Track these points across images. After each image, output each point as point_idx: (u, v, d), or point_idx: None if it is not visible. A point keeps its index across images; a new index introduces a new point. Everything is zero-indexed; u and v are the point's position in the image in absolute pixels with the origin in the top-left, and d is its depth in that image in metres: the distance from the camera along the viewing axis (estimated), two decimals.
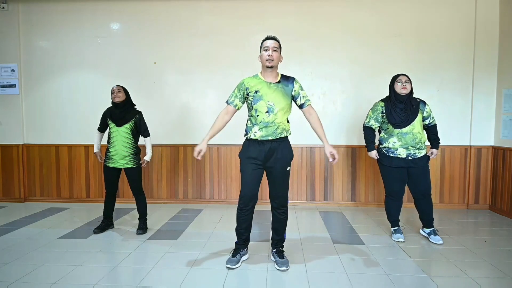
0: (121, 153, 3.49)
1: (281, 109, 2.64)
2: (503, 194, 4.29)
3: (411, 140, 3.20)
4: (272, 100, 2.63)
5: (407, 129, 3.19)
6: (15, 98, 4.91)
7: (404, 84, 3.21)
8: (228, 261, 2.75)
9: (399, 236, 3.35)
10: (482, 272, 2.67)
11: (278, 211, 2.78)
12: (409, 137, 3.20)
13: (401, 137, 3.21)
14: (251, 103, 2.66)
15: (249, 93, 2.66)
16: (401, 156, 3.24)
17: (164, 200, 4.89)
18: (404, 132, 3.20)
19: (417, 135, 3.20)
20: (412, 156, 3.23)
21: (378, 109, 3.34)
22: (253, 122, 2.67)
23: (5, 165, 4.97)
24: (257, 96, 2.63)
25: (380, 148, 3.39)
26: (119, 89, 3.52)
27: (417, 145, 3.21)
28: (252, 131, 2.66)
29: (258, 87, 2.65)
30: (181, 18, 4.73)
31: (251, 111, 2.68)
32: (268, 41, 2.66)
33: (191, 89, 4.80)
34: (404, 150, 3.23)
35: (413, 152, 3.23)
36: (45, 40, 4.89)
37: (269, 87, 2.65)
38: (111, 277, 2.59)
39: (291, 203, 4.73)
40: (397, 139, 3.23)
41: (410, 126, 3.19)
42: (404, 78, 3.24)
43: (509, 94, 4.25)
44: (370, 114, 3.41)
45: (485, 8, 4.45)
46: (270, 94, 2.63)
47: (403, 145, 3.21)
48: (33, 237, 3.46)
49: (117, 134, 3.48)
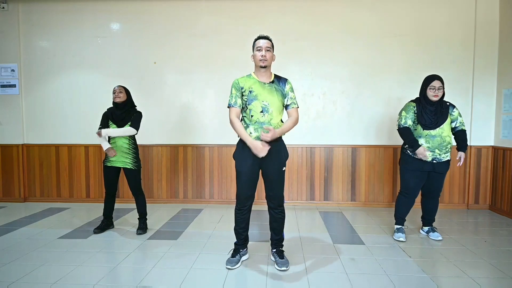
0: (120, 154, 3.48)
1: (276, 109, 2.64)
2: (503, 194, 4.29)
3: (438, 143, 3.15)
4: (267, 100, 2.62)
5: (436, 132, 3.14)
6: (15, 98, 4.91)
7: (436, 92, 3.12)
8: (228, 262, 2.75)
9: (401, 236, 3.35)
10: (482, 272, 2.67)
11: (275, 211, 2.78)
12: (437, 140, 3.15)
13: (429, 139, 3.16)
14: (245, 103, 2.65)
15: (244, 92, 2.65)
16: (426, 159, 3.19)
17: (164, 200, 4.89)
18: (433, 134, 3.15)
19: (445, 139, 3.17)
20: (437, 160, 3.19)
21: (411, 109, 3.24)
22: (247, 122, 2.66)
23: (5, 165, 4.97)
24: (251, 96, 2.62)
25: (406, 148, 3.31)
26: (121, 90, 3.52)
27: (444, 148, 3.17)
28: (247, 131, 2.65)
29: (252, 87, 2.64)
30: (181, 18, 4.73)
31: (245, 111, 2.66)
32: (261, 41, 2.65)
33: (191, 89, 4.80)
34: (430, 154, 3.17)
35: (439, 156, 3.18)
36: (45, 40, 4.89)
37: (263, 87, 2.65)
38: (111, 277, 2.59)
39: (291, 203, 4.73)
40: (424, 141, 3.18)
41: (439, 129, 3.14)
42: (438, 84, 3.12)
43: (509, 94, 4.25)
44: (405, 114, 3.25)
45: (485, 8, 4.45)
46: (265, 94, 2.63)
47: (430, 148, 3.16)
48: (33, 237, 3.46)
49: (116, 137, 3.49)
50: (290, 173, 4.73)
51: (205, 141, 4.82)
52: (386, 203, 4.68)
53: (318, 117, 4.71)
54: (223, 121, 4.63)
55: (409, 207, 3.41)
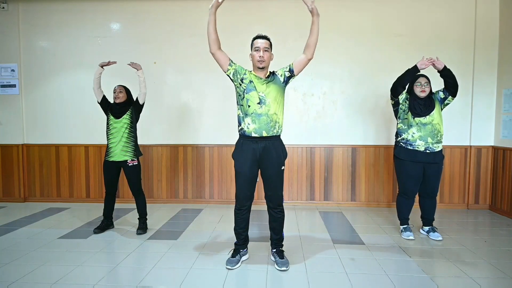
0: (120, 146, 3.47)
1: (273, 99, 2.64)
2: (503, 194, 4.29)
3: (430, 131, 3.22)
4: (264, 92, 2.63)
5: (426, 120, 3.21)
6: (15, 98, 4.91)
7: (423, 87, 3.23)
8: (228, 262, 2.75)
9: (409, 234, 3.39)
10: (482, 272, 2.67)
11: (275, 211, 2.78)
12: (429, 127, 3.22)
13: (421, 127, 3.23)
14: (243, 92, 2.65)
15: (244, 80, 2.65)
16: (419, 149, 3.25)
17: (164, 200, 4.89)
18: (424, 122, 3.22)
19: (436, 126, 3.23)
20: (430, 149, 3.24)
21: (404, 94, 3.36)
22: (244, 112, 2.65)
23: (5, 165, 4.97)
24: (250, 86, 2.63)
25: (398, 141, 3.39)
26: (121, 89, 3.52)
27: (435, 137, 3.23)
28: (245, 122, 2.65)
29: (252, 79, 2.66)
30: (181, 18, 4.73)
31: (242, 101, 2.66)
32: (259, 41, 2.65)
33: (191, 89, 4.80)
34: (423, 143, 3.24)
35: (431, 145, 3.24)
36: (45, 40, 4.89)
37: (261, 81, 2.67)
38: (111, 277, 2.59)
39: (291, 203, 4.73)
40: (416, 129, 3.24)
41: (430, 117, 3.22)
42: (423, 81, 3.25)
43: (509, 94, 4.25)
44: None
45: (485, 8, 4.45)
46: (262, 87, 2.64)
47: (423, 136, 3.22)
48: (33, 237, 3.45)
49: (117, 126, 3.48)
50: (290, 173, 4.73)
51: (205, 141, 4.82)
52: (386, 203, 4.68)
53: (318, 117, 4.71)
54: (223, 121, 4.63)
55: (410, 207, 3.45)
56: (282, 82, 2.72)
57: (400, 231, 3.51)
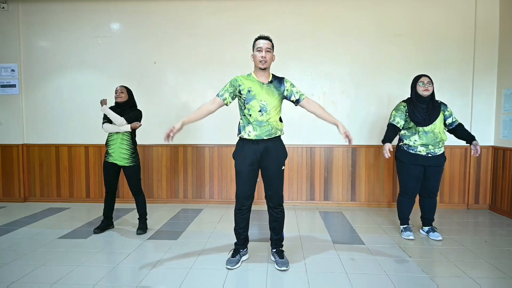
0: (119, 153, 3.48)
1: (273, 108, 2.65)
2: (503, 194, 4.29)
3: (432, 139, 3.23)
4: (265, 99, 2.63)
5: (429, 128, 3.23)
6: (15, 98, 4.91)
7: (426, 86, 3.23)
8: (228, 262, 2.75)
9: (409, 234, 3.39)
10: (482, 272, 2.67)
11: (275, 211, 2.78)
12: (430, 136, 3.23)
13: (423, 135, 3.24)
14: (243, 102, 2.65)
15: (242, 91, 2.65)
16: (421, 154, 3.27)
17: (164, 200, 4.89)
18: (426, 130, 3.23)
19: (438, 135, 3.24)
20: (432, 153, 3.26)
21: (401, 109, 3.34)
22: (246, 122, 2.67)
23: (5, 165, 4.97)
24: (249, 95, 2.63)
25: (401, 145, 3.41)
26: (122, 90, 3.54)
27: (437, 144, 3.26)
28: (245, 130, 2.66)
29: (251, 87, 2.65)
30: (181, 18, 4.73)
31: (244, 111, 2.67)
32: (261, 41, 2.64)
33: (191, 89, 4.80)
34: (424, 149, 3.26)
35: (433, 150, 3.26)
36: (45, 40, 4.89)
37: (262, 87, 2.66)
38: (111, 277, 2.59)
39: (291, 203, 4.73)
40: (418, 137, 3.26)
41: (432, 126, 3.23)
42: (426, 80, 3.25)
43: (509, 94, 4.25)
44: (394, 113, 3.36)
45: (485, 8, 4.45)
46: (263, 94, 2.63)
47: (424, 143, 3.24)
48: (33, 237, 3.45)
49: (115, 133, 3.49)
50: (290, 173, 4.73)
51: (205, 141, 4.82)
52: (386, 203, 4.68)
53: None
54: (223, 121, 4.63)
55: (410, 207, 3.46)
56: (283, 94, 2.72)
57: (400, 231, 3.51)
